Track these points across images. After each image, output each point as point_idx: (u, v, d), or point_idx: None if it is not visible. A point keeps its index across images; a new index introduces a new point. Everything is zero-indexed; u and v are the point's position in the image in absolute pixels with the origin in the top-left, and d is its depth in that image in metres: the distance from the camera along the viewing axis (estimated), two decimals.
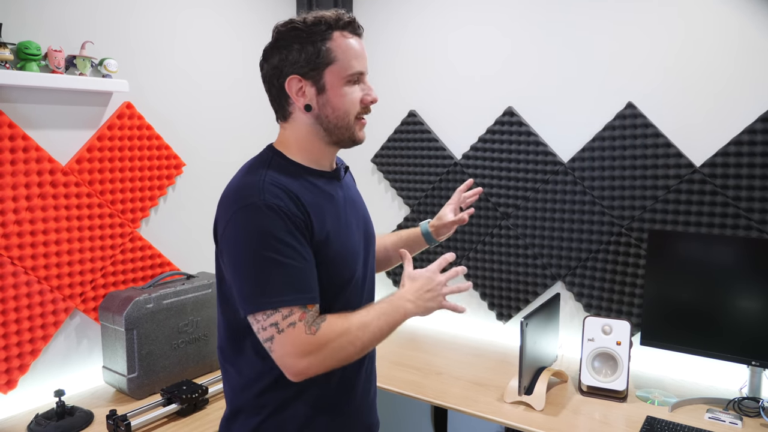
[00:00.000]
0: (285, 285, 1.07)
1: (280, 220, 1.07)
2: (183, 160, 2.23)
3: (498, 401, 1.87)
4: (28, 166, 1.78)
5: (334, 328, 1.09)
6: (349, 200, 1.28)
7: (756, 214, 1.88)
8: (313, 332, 1.07)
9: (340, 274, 1.19)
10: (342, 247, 1.19)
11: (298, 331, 1.06)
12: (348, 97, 1.16)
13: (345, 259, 1.20)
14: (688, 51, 1.97)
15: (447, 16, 2.48)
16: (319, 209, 1.15)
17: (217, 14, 2.34)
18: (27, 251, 1.78)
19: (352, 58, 1.15)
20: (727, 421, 1.73)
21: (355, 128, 1.20)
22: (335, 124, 1.18)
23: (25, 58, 1.71)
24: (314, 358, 1.08)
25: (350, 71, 1.15)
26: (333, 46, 1.14)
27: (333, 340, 1.09)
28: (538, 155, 2.29)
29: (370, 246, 1.32)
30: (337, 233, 1.18)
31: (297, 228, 1.09)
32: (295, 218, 1.09)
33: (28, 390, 1.83)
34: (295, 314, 1.07)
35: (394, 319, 1.16)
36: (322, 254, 1.14)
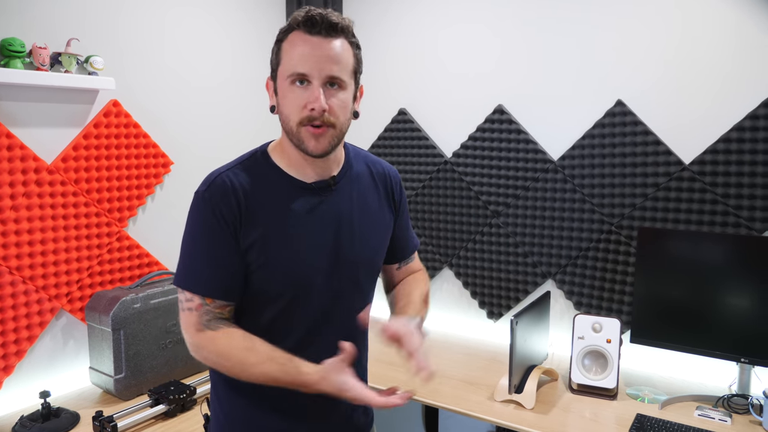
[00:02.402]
0: (193, 271, 1.13)
1: (208, 213, 1.12)
2: (171, 159, 2.21)
3: (488, 400, 1.87)
4: (13, 165, 1.75)
5: (216, 344, 1.12)
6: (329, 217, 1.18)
7: (745, 211, 1.89)
8: (199, 329, 1.12)
9: (270, 283, 1.14)
10: (275, 258, 1.13)
11: (191, 319, 1.13)
12: (287, 99, 1.10)
13: (277, 270, 1.13)
14: (679, 50, 1.97)
15: (437, 15, 2.47)
16: (260, 215, 1.13)
17: (206, 12, 2.32)
18: (12, 251, 1.76)
19: (296, 57, 1.08)
20: (717, 418, 1.73)
21: (301, 136, 1.10)
22: (286, 129, 1.13)
23: (8, 55, 1.69)
24: (194, 350, 1.14)
25: (288, 72, 1.09)
26: (285, 46, 1.10)
27: (207, 352, 1.13)
28: (528, 153, 2.28)
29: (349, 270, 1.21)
30: (272, 244, 1.13)
31: (220, 227, 1.11)
32: (225, 218, 1.11)
33: (13, 391, 1.80)
34: (194, 301, 1.12)
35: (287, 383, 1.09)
36: (249, 258, 1.12)
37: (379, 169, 1.31)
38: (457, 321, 2.56)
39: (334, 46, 1.09)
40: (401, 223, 1.36)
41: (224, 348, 1.11)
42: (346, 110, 1.13)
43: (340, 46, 1.10)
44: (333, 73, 1.08)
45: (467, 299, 2.53)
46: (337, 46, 1.09)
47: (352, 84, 1.14)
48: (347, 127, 1.16)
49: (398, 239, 1.36)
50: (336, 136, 1.13)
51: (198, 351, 1.14)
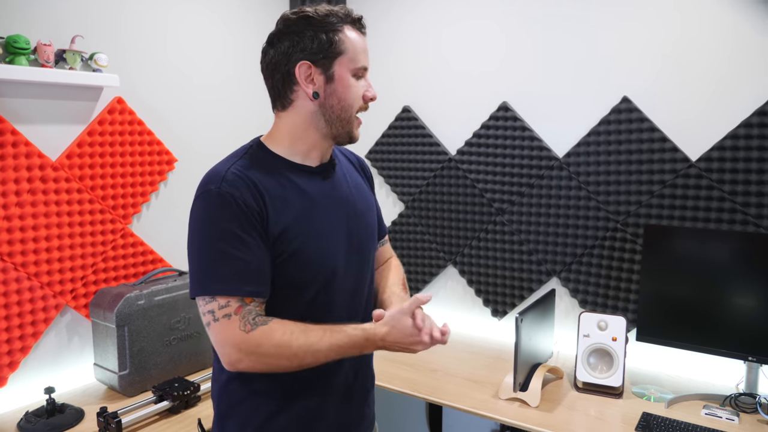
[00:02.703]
0: (225, 275, 1.07)
1: (229, 210, 1.07)
2: (175, 156, 2.21)
3: (493, 398, 1.86)
4: (18, 162, 1.76)
5: (272, 336, 1.07)
6: (336, 199, 1.23)
7: (752, 208, 1.87)
8: (247, 330, 1.07)
9: (303, 270, 1.15)
10: (305, 244, 1.14)
11: (232, 325, 1.07)
12: (353, 90, 1.18)
13: (308, 257, 1.15)
14: (685, 45, 1.95)
15: (441, 12, 2.46)
16: (282, 203, 1.13)
17: (209, 10, 2.33)
18: (17, 247, 1.77)
19: (360, 52, 1.18)
20: (724, 417, 1.72)
21: (353, 124, 1.20)
22: (338, 116, 1.18)
23: (13, 51, 1.69)
24: (245, 356, 1.08)
25: (358, 64, 1.17)
26: (344, 38, 1.16)
27: (266, 347, 1.07)
28: (533, 150, 2.27)
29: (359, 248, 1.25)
30: (299, 229, 1.14)
31: (248, 219, 1.08)
32: (248, 209, 1.08)
33: (18, 387, 1.81)
34: (231, 306, 1.07)
35: (348, 353, 1.13)
36: (279, 249, 1.12)
37: (353, 155, 1.41)
38: (461, 319, 2.55)
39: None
40: (377, 205, 1.43)
41: (283, 336, 1.07)
42: None
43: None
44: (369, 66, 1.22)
45: (471, 297, 2.52)
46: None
47: None
48: None
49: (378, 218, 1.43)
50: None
51: (253, 352, 1.07)
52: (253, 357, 1.07)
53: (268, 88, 1.22)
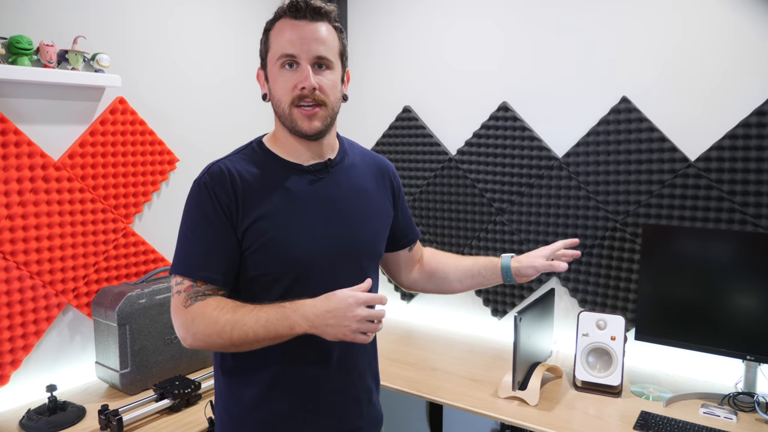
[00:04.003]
0: (186, 256, 1.16)
1: (203, 198, 1.15)
2: (176, 156, 2.22)
3: (492, 397, 1.87)
4: (20, 161, 1.77)
5: (205, 310, 1.10)
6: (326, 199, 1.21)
7: (751, 208, 1.87)
8: (186, 305, 1.12)
9: (271, 264, 1.16)
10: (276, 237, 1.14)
11: (178, 300, 1.14)
12: (278, 83, 1.16)
13: (277, 250, 1.15)
14: (684, 46, 1.96)
15: (441, 12, 2.47)
16: (259, 197, 1.16)
17: (211, 10, 2.34)
18: (19, 246, 1.78)
19: (284, 41, 1.14)
20: (722, 416, 1.72)
21: (294, 117, 1.15)
22: (277, 112, 1.20)
23: (16, 52, 1.70)
24: (184, 332, 1.13)
25: (278, 54, 1.15)
26: (272, 33, 1.18)
27: (198, 321, 1.10)
28: (532, 150, 2.28)
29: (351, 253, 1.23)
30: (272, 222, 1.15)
31: (214, 209, 1.14)
32: (220, 202, 1.14)
33: (21, 385, 1.82)
34: (184, 284, 1.14)
35: (277, 331, 1.07)
36: (249, 239, 1.15)
37: (377, 161, 1.37)
38: (461, 318, 2.55)
39: (319, 29, 1.15)
40: (404, 209, 1.44)
41: (214, 311, 1.09)
42: (335, 90, 1.18)
43: (325, 29, 1.16)
44: (320, 53, 1.14)
45: (471, 297, 2.53)
46: (322, 28, 1.16)
47: (339, 66, 1.20)
48: (338, 108, 1.21)
49: (403, 224, 1.43)
50: (328, 116, 1.18)
51: (188, 327, 1.11)
52: (190, 332, 1.12)
53: None
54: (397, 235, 1.41)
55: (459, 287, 1.45)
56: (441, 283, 1.47)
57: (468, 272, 1.43)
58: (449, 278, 1.45)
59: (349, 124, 2.73)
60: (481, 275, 1.41)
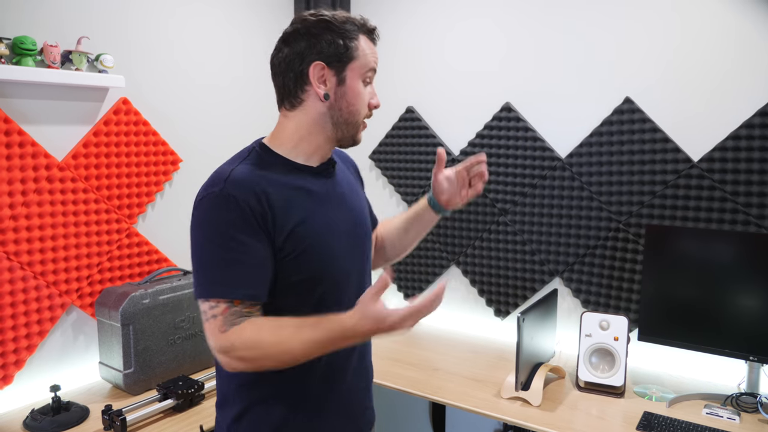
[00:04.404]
0: (218, 277, 1.08)
1: (232, 212, 1.08)
2: (180, 156, 2.23)
3: (495, 397, 1.87)
4: (24, 162, 1.77)
5: (243, 336, 1.06)
6: (336, 197, 1.25)
7: (754, 209, 1.87)
8: (223, 331, 1.07)
9: (310, 271, 1.16)
10: (313, 244, 1.15)
11: (214, 325, 1.08)
12: (362, 96, 1.20)
13: (316, 256, 1.16)
14: (687, 46, 1.96)
15: (444, 12, 2.47)
16: (288, 203, 1.13)
17: (215, 10, 2.34)
18: (23, 247, 1.78)
19: (372, 57, 1.21)
20: (725, 417, 1.72)
21: (359, 128, 1.23)
22: (345, 120, 1.19)
23: (20, 53, 1.71)
24: (223, 356, 1.08)
25: (368, 68, 1.20)
26: (358, 45, 1.19)
27: (238, 348, 1.06)
28: (535, 151, 2.28)
29: (361, 245, 1.29)
30: (307, 228, 1.15)
31: (249, 221, 1.08)
32: (251, 210, 1.08)
33: (24, 385, 1.83)
34: (219, 307, 1.08)
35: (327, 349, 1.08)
36: (287, 249, 1.12)
37: (346, 155, 1.44)
38: (464, 319, 2.56)
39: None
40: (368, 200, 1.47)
41: (252, 336, 1.06)
42: None
43: None
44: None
45: (474, 297, 2.53)
46: None
47: None
48: None
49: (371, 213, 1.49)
50: None
51: (228, 352, 1.07)
52: (230, 357, 1.08)
53: (277, 86, 1.21)
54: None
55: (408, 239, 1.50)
56: (396, 243, 1.51)
57: (407, 220, 1.49)
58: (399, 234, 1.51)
59: None
60: (418, 222, 1.47)
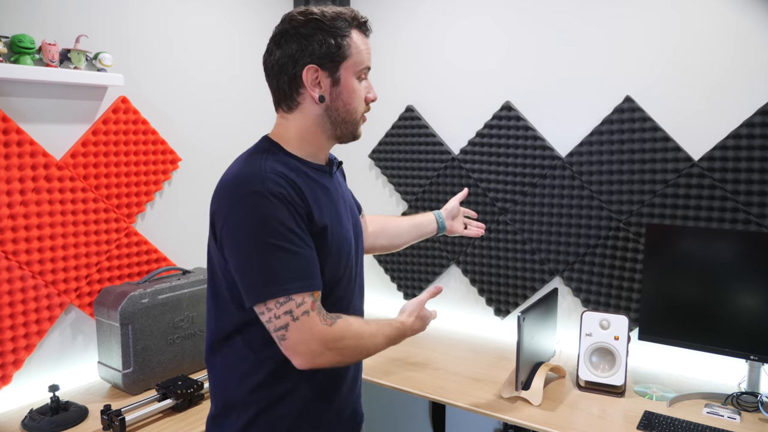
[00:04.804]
0: (295, 272, 1.07)
1: (284, 208, 1.07)
2: (179, 155, 2.22)
3: (495, 397, 1.86)
4: (22, 161, 1.77)
5: (351, 328, 1.14)
6: (340, 195, 1.28)
7: (755, 207, 1.87)
8: (329, 324, 1.10)
9: (336, 268, 1.19)
10: (337, 241, 1.18)
11: (313, 320, 1.08)
12: (358, 93, 1.20)
13: (340, 253, 1.19)
14: (687, 44, 1.96)
15: (444, 11, 2.46)
16: (317, 201, 1.15)
17: (214, 8, 2.33)
18: (21, 246, 1.77)
19: (365, 53, 1.20)
20: (726, 416, 1.72)
21: (359, 125, 1.23)
22: (343, 118, 1.19)
23: (18, 51, 1.70)
24: (327, 350, 1.10)
25: (361, 65, 1.19)
26: (351, 42, 1.17)
27: (347, 340, 1.13)
28: (536, 150, 2.27)
29: (360, 241, 1.34)
30: (332, 226, 1.17)
31: (300, 216, 1.09)
32: (298, 207, 1.09)
33: (23, 385, 1.82)
34: (307, 302, 1.08)
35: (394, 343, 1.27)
36: (319, 246, 1.13)
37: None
38: (464, 318, 2.55)
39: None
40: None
41: (359, 329, 1.16)
42: None
43: None
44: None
45: (474, 296, 2.53)
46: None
47: None
48: None
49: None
50: None
51: (334, 346, 1.11)
52: (334, 350, 1.11)
53: (272, 88, 1.20)
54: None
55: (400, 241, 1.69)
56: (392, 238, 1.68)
57: (408, 225, 1.70)
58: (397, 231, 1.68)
59: None
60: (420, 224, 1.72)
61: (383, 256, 2.74)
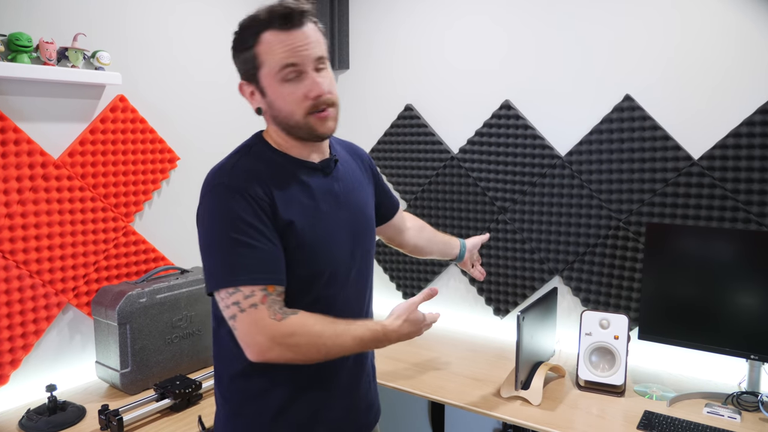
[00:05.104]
0: (246, 265, 1.08)
1: (244, 202, 1.09)
2: (177, 154, 2.21)
3: (495, 396, 1.85)
4: (20, 159, 1.76)
5: (305, 325, 1.10)
6: (336, 193, 1.24)
7: (755, 206, 1.86)
8: (278, 319, 1.08)
9: (308, 265, 1.17)
10: (312, 238, 1.16)
11: (261, 314, 1.07)
12: (288, 98, 1.13)
13: (315, 250, 1.17)
14: (687, 43, 1.95)
15: (443, 10, 2.46)
16: (287, 197, 1.14)
17: (213, 8, 2.32)
18: (19, 245, 1.77)
19: (281, 52, 1.11)
20: (726, 416, 1.71)
21: (311, 124, 1.14)
22: (288, 123, 1.16)
23: (16, 49, 1.69)
24: (276, 345, 1.08)
25: (277, 68, 1.11)
26: (260, 50, 1.13)
27: (299, 336, 1.09)
28: (535, 149, 2.27)
29: (361, 242, 1.29)
30: (306, 223, 1.15)
31: (260, 209, 1.10)
32: (260, 200, 1.10)
33: (20, 385, 1.81)
34: (256, 295, 1.08)
35: (367, 347, 1.22)
36: (285, 241, 1.13)
37: (355, 149, 1.42)
38: (463, 318, 2.54)
39: (309, 32, 1.13)
40: (384, 188, 1.50)
41: (315, 326, 1.10)
42: (335, 85, 1.19)
43: (313, 28, 1.15)
44: (318, 54, 1.14)
45: (474, 296, 2.52)
46: (311, 29, 1.14)
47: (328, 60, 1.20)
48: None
49: (386, 202, 1.51)
50: (337, 113, 1.19)
51: (284, 342, 1.08)
52: (284, 346, 1.08)
53: None
54: (381, 211, 1.50)
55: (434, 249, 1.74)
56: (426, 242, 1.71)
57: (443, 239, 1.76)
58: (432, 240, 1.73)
59: (350, 123, 2.72)
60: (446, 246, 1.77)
61: (382, 256, 2.73)
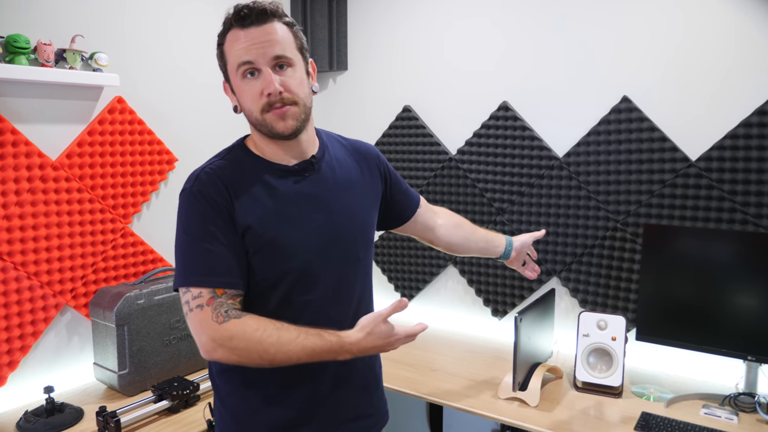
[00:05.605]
0: (197, 267, 1.12)
1: (205, 205, 1.13)
2: (175, 156, 2.21)
3: (493, 397, 1.86)
4: (18, 161, 1.76)
5: (244, 330, 1.08)
6: (311, 195, 1.21)
7: (752, 208, 1.87)
8: (219, 321, 1.09)
9: (270, 268, 1.16)
10: (272, 241, 1.15)
11: (205, 315, 1.09)
12: (246, 95, 1.16)
13: (275, 253, 1.16)
14: (685, 45, 1.95)
15: (441, 11, 2.46)
16: (251, 200, 1.16)
17: (211, 9, 2.32)
18: (16, 247, 1.77)
19: (238, 50, 1.13)
20: (723, 417, 1.71)
21: (268, 121, 1.15)
22: (251, 121, 1.20)
23: (13, 51, 1.69)
24: (218, 347, 1.09)
25: (236, 64, 1.14)
26: (225, 48, 1.17)
27: (238, 340, 1.08)
28: (533, 150, 2.27)
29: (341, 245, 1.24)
30: (266, 226, 1.15)
31: (217, 214, 1.13)
32: (216, 205, 1.13)
33: (18, 387, 1.81)
34: (203, 297, 1.10)
35: (321, 357, 1.11)
36: (246, 244, 1.15)
37: (359, 148, 1.38)
38: (461, 319, 2.55)
39: (269, 30, 1.13)
40: (398, 187, 1.46)
41: (255, 332, 1.07)
42: (302, 86, 1.18)
43: (276, 28, 1.14)
44: (276, 53, 1.13)
45: (472, 297, 2.52)
46: (272, 28, 1.14)
47: (301, 60, 1.19)
48: (310, 103, 1.21)
49: (402, 200, 1.47)
50: (301, 113, 1.18)
51: (225, 344, 1.07)
52: (226, 349, 1.09)
53: None
54: (398, 210, 1.47)
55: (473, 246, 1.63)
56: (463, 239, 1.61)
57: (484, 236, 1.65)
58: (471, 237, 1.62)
59: (349, 124, 2.72)
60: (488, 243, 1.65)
61: (381, 256, 2.73)
